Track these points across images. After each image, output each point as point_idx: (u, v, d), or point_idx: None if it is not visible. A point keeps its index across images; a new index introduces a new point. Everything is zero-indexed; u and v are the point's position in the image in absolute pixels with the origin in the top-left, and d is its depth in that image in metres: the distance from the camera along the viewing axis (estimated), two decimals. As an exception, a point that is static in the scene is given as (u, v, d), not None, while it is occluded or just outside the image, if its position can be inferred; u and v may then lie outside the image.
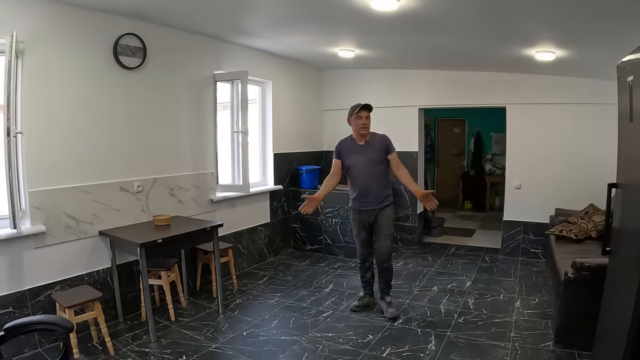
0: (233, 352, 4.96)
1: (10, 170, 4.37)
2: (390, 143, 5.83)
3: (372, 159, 5.72)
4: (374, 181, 5.72)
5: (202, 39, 6.88)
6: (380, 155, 5.73)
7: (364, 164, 5.72)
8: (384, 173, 5.80)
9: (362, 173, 5.74)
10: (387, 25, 5.66)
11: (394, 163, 5.78)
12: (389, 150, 5.77)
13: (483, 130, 13.73)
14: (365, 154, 5.73)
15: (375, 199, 5.74)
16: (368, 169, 5.71)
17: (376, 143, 5.78)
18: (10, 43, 4.35)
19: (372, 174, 5.72)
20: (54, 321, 3.46)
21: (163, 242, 5.24)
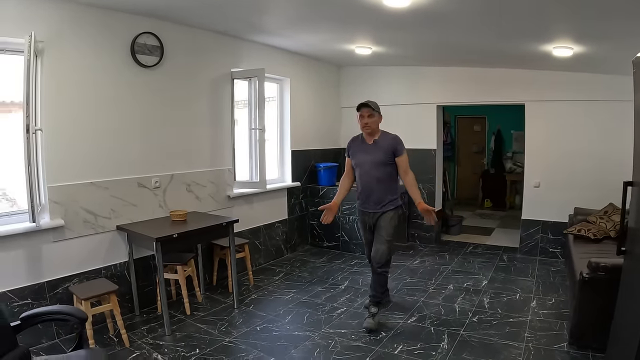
0: (246, 346, 5.01)
1: (29, 166, 4.47)
2: (399, 145, 5.47)
3: (377, 161, 5.43)
4: (376, 184, 5.46)
5: (219, 37, 6.94)
6: (387, 157, 5.42)
7: (367, 164, 5.49)
8: (389, 176, 5.50)
9: (365, 174, 5.52)
10: (401, 22, 5.66)
11: (402, 167, 5.46)
12: (397, 153, 5.43)
13: (503, 128, 13.66)
14: (371, 154, 5.48)
15: (376, 202, 5.51)
16: (371, 170, 5.46)
17: (384, 144, 5.46)
18: (29, 43, 4.45)
19: (374, 176, 5.45)
20: (68, 311, 3.56)
21: (179, 236, 5.32)
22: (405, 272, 7.51)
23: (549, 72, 7.93)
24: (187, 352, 4.85)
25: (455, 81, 8.88)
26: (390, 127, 5.64)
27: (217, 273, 6.98)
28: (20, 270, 4.88)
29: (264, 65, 7.30)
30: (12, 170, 5.14)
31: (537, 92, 8.15)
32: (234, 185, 7.40)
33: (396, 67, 9.31)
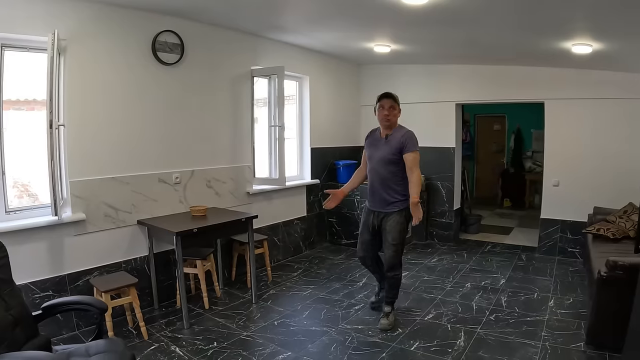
0: (263, 340, 5.06)
1: (52, 161, 4.55)
2: (409, 141, 5.18)
3: (383, 158, 5.24)
4: (380, 182, 5.28)
5: (239, 35, 6.99)
6: (394, 154, 5.19)
7: (375, 161, 5.33)
8: (396, 175, 5.24)
9: (372, 170, 5.37)
10: (419, 20, 5.67)
11: (408, 164, 5.14)
12: (405, 149, 5.14)
13: (523, 127, 13.58)
14: (380, 150, 5.29)
15: (380, 201, 5.31)
16: (378, 167, 5.29)
17: (394, 140, 5.22)
18: (53, 41, 4.53)
19: (380, 173, 5.28)
20: (89, 301, 3.63)
21: (199, 231, 5.38)
22: (423, 270, 7.52)
23: (568, 69, 7.88)
24: (205, 345, 4.91)
25: (474, 79, 8.87)
26: (408, 125, 5.58)
27: (236, 268, 7.04)
28: (42, 262, 4.98)
29: (284, 63, 7.33)
30: (34, 165, 5.23)
31: (557, 90, 8.09)
32: (254, 181, 7.45)
33: (415, 65, 9.32)
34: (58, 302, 3.60)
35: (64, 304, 3.62)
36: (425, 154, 8.67)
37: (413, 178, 5.12)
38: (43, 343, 3.30)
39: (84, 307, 3.61)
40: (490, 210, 13.03)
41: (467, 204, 10.88)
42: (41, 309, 3.49)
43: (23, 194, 5.46)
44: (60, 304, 3.60)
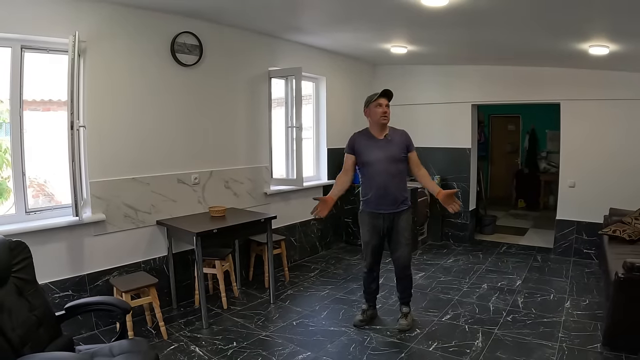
0: (282, 340, 5.09)
1: (73, 162, 4.60)
2: (410, 140, 5.27)
3: (393, 157, 5.13)
4: (393, 181, 5.14)
5: (256, 36, 7.03)
6: (401, 152, 5.17)
7: (383, 161, 5.13)
8: (404, 173, 5.26)
9: (381, 172, 5.13)
10: (438, 21, 5.68)
11: (414, 162, 5.26)
12: (411, 148, 5.23)
13: (538, 127, 13.50)
14: (386, 150, 5.14)
15: (392, 202, 5.18)
16: (388, 167, 5.12)
17: (397, 139, 5.20)
18: (73, 42, 4.57)
19: (391, 173, 5.13)
20: (112, 302, 3.66)
21: (218, 232, 5.41)
22: (439, 271, 7.53)
23: (585, 70, 7.84)
24: (224, 345, 4.94)
25: (490, 80, 8.85)
26: (424, 126, 5.64)
27: (254, 269, 7.08)
28: (61, 262, 5.04)
29: (300, 64, 7.36)
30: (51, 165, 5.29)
31: (573, 91, 8.05)
32: (271, 182, 7.49)
33: (431, 65, 9.31)
34: (81, 303, 3.63)
35: (87, 305, 3.64)
36: (441, 154, 8.72)
37: (424, 174, 5.29)
38: (66, 343, 3.34)
39: (107, 307, 3.63)
40: (505, 211, 12.98)
41: (483, 204, 10.86)
42: (64, 309, 3.51)
43: (39, 194, 5.51)
44: (83, 304, 3.62)
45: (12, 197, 5.19)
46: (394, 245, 5.34)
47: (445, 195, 5.02)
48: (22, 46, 4.80)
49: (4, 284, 2.99)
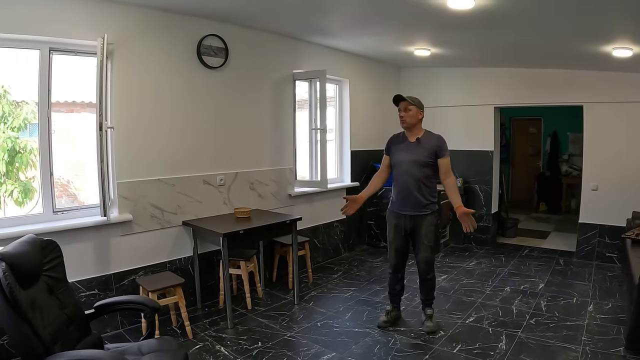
0: (307, 341, 5.12)
1: (102, 162, 4.67)
2: (443, 145, 5.22)
3: (419, 160, 5.15)
4: (416, 184, 5.17)
5: (281, 39, 7.07)
6: (429, 157, 5.14)
7: (408, 163, 5.19)
8: (430, 178, 5.22)
9: (405, 174, 5.21)
10: (463, 24, 5.68)
11: (443, 169, 5.18)
12: (440, 154, 5.16)
13: (559, 130, 13.38)
14: (413, 153, 5.20)
15: (414, 204, 5.20)
16: (412, 169, 5.17)
17: (428, 143, 5.19)
18: (102, 45, 4.66)
19: (415, 176, 5.16)
20: (141, 301, 3.70)
21: (244, 233, 5.45)
22: (461, 274, 7.53)
23: (609, 72, 7.78)
24: (249, 345, 4.98)
25: (513, 82, 8.81)
26: (448, 128, 5.61)
27: (277, 270, 7.12)
28: (88, 261, 5.12)
29: (324, 67, 7.39)
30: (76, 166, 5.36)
31: (597, 93, 7.99)
32: (295, 184, 7.53)
33: (454, 68, 9.31)
34: (111, 302, 3.67)
35: (116, 303, 3.69)
36: (464, 157, 8.68)
37: (450, 183, 5.18)
38: (95, 341, 3.38)
39: (136, 306, 3.67)
40: (526, 214, 12.92)
41: (504, 207, 10.83)
42: (94, 308, 3.55)
43: (62, 194, 5.58)
44: (112, 303, 3.67)
45: (36, 196, 5.27)
46: (416, 248, 5.35)
47: (462, 212, 4.96)
48: (50, 48, 4.88)
49: (36, 283, 3.03)
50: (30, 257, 3.02)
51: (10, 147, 5.25)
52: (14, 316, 2.66)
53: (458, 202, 5.09)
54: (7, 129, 5.40)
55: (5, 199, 5.46)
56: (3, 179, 5.35)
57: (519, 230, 10.45)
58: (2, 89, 5.33)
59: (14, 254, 2.84)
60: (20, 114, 5.42)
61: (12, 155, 5.30)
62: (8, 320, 2.68)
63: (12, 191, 5.36)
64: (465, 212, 4.93)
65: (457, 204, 5.07)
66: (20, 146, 5.42)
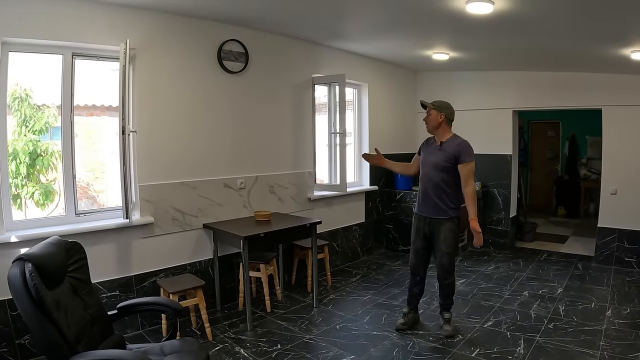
0: (326, 343, 5.14)
1: (124, 166, 4.74)
2: (465, 151, 5.10)
3: (437, 164, 5.16)
4: (434, 188, 5.18)
5: (301, 43, 7.14)
6: (447, 162, 5.11)
7: (428, 167, 5.25)
8: (448, 183, 5.18)
9: (425, 176, 5.26)
10: (482, 28, 5.70)
11: (463, 176, 5.11)
12: (460, 159, 5.08)
13: (578, 133, 13.30)
14: (434, 156, 5.23)
15: (432, 208, 5.22)
16: (430, 173, 5.21)
17: (450, 148, 5.15)
18: (124, 50, 4.74)
19: (432, 180, 5.19)
20: (164, 303, 3.75)
21: (265, 236, 5.49)
22: (480, 278, 7.52)
23: (628, 75, 7.73)
24: (268, 347, 5.01)
25: (531, 86, 8.80)
26: (466, 131, 5.56)
27: (296, 273, 7.16)
28: (110, 263, 5.19)
29: (343, 71, 7.44)
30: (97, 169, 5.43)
31: (616, 96, 7.94)
32: (314, 187, 7.57)
33: (472, 72, 9.31)
34: (133, 303, 3.72)
35: (139, 305, 3.74)
36: (482, 161, 8.63)
37: (468, 191, 5.13)
38: (117, 341, 3.43)
39: (159, 308, 3.73)
40: (545, 218, 12.87)
41: (523, 211, 10.80)
42: (116, 309, 3.60)
43: (82, 197, 5.64)
44: (135, 304, 3.72)
45: (56, 198, 5.34)
46: (435, 251, 5.36)
47: (473, 228, 5.11)
48: (73, 53, 4.97)
49: (61, 283, 3.08)
50: (55, 258, 3.07)
51: (31, 150, 5.33)
52: (40, 316, 2.71)
53: (473, 214, 5.13)
54: (29, 132, 5.48)
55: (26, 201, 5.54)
56: (24, 181, 5.42)
57: (538, 235, 10.38)
58: (24, 92, 5.41)
59: (40, 255, 2.89)
60: (41, 118, 5.50)
61: (33, 158, 5.38)
62: (34, 320, 2.72)
63: (32, 193, 5.44)
64: (476, 230, 5.11)
65: (471, 216, 5.13)
66: (41, 149, 5.50)
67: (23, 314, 2.76)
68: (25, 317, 2.77)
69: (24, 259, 2.76)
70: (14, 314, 4.42)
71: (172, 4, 5.28)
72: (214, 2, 5.26)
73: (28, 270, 2.70)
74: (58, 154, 5.22)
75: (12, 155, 5.21)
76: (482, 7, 4.76)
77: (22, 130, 5.54)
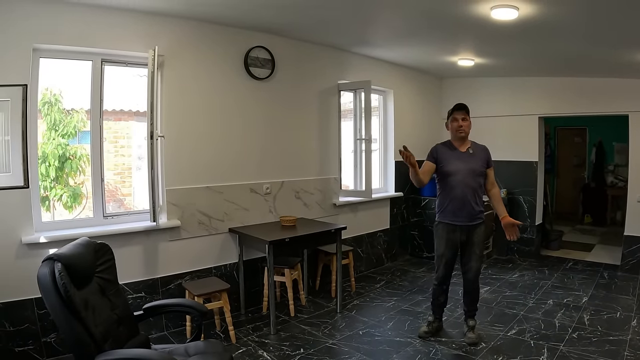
0: (349, 349, 5.16)
1: (152, 170, 4.83)
2: (490, 156, 5.33)
3: (475, 170, 5.17)
4: (472, 194, 5.16)
5: (326, 50, 7.19)
6: (483, 167, 5.22)
7: (464, 173, 5.15)
8: (482, 187, 5.28)
9: (461, 183, 5.15)
10: (507, 34, 5.72)
11: (490, 179, 5.32)
12: (490, 163, 5.30)
13: (605, 140, 13.13)
14: (468, 162, 5.19)
15: (469, 214, 5.18)
16: (468, 179, 5.15)
17: (480, 153, 5.26)
18: (153, 57, 4.85)
19: (471, 186, 5.15)
20: (190, 305, 3.80)
21: (290, 241, 5.53)
22: (504, 286, 7.48)
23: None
24: (291, 352, 5.05)
25: (557, 92, 8.76)
26: (491, 138, 5.61)
27: (320, 278, 7.19)
28: (137, 265, 5.30)
29: (368, 77, 7.46)
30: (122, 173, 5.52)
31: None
32: (340, 193, 7.62)
33: (497, 77, 9.29)
34: (159, 304, 3.79)
35: (165, 306, 3.81)
36: (507, 167, 8.64)
37: (497, 192, 5.35)
38: (143, 341, 3.49)
39: (184, 309, 3.82)
40: (571, 226, 12.75)
41: (549, 219, 10.74)
42: (142, 310, 3.67)
43: (110, 200, 5.73)
44: (161, 305, 3.79)
45: (84, 201, 5.43)
46: (466, 258, 5.33)
47: (508, 222, 5.13)
48: (102, 60, 5.09)
49: (89, 283, 3.16)
50: (84, 259, 3.15)
51: (60, 153, 5.42)
52: (68, 315, 2.78)
53: (503, 212, 5.24)
54: (58, 136, 5.59)
55: (54, 203, 5.64)
56: (53, 183, 5.52)
57: (563, 243, 10.28)
58: (53, 97, 5.52)
59: (69, 255, 2.96)
60: (70, 122, 5.62)
61: (62, 162, 5.48)
62: (62, 318, 2.80)
63: (61, 195, 5.53)
64: (511, 223, 5.11)
65: (502, 214, 5.22)
66: (70, 153, 5.60)
67: (52, 312, 2.83)
68: (54, 315, 2.84)
69: (53, 259, 2.83)
70: (41, 312, 4.53)
71: (199, 12, 5.36)
72: (240, 9, 5.32)
73: (57, 270, 2.77)
74: (86, 157, 5.31)
75: (41, 158, 5.31)
76: (507, 13, 4.79)
77: (51, 134, 5.65)
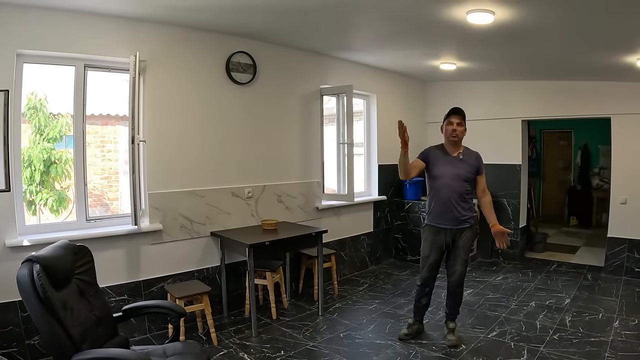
0: (329, 351, 5.20)
1: (133, 174, 4.87)
2: (482, 163, 5.35)
3: (461, 175, 5.20)
4: (458, 199, 5.20)
5: (308, 55, 7.24)
6: (471, 173, 5.24)
7: (449, 177, 5.20)
8: (469, 192, 5.28)
9: (446, 187, 5.20)
10: (485, 38, 5.77)
11: (481, 186, 5.35)
12: (480, 170, 5.31)
13: (590, 143, 13.24)
14: (456, 167, 5.23)
15: (454, 218, 5.21)
16: (454, 183, 5.19)
17: (470, 160, 5.29)
18: (134, 62, 4.90)
19: (456, 190, 5.19)
20: (168, 306, 3.85)
21: (270, 244, 5.57)
22: (487, 288, 7.53)
23: (636, 83, 7.71)
24: (272, 354, 5.08)
25: (540, 95, 8.82)
26: (474, 142, 5.61)
27: (303, 281, 7.21)
28: (119, 268, 5.33)
29: (351, 82, 7.52)
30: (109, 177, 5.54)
31: (624, 105, 7.92)
32: (323, 197, 7.64)
33: (481, 81, 9.35)
34: (138, 305, 3.84)
35: (143, 307, 3.87)
36: (491, 171, 8.59)
37: (488, 200, 5.36)
38: (122, 342, 3.52)
39: (163, 311, 3.83)
40: (557, 228, 12.78)
41: (533, 222, 10.79)
42: (122, 311, 3.71)
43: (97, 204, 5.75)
44: (140, 307, 3.84)
45: (70, 205, 5.45)
46: (452, 261, 5.37)
47: (498, 230, 5.15)
48: (85, 65, 5.14)
49: (68, 285, 3.20)
50: (63, 261, 3.19)
51: (45, 157, 5.44)
52: (46, 315, 2.82)
53: (494, 220, 5.26)
54: (43, 140, 5.60)
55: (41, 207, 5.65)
56: (39, 187, 5.53)
57: (548, 245, 10.35)
58: (39, 102, 5.53)
59: (48, 257, 3.01)
60: (56, 126, 5.63)
61: (47, 166, 5.49)
62: (41, 318, 2.84)
63: (47, 199, 5.55)
64: (502, 231, 5.13)
65: (492, 222, 5.25)
66: (56, 157, 5.61)
67: (31, 312, 2.88)
68: (33, 315, 2.88)
69: (32, 260, 2.88)
70: (24, 314, 4.55)
71: (181, 17, 5.40)
72: (222, 15, 5.36)
73: (36, 271, 2.82)
74: (72, 161, 5.33)
75: (26, 162, 5.32)
76: (483, 17, 4.84)
77: (37, 139, 5.66)
